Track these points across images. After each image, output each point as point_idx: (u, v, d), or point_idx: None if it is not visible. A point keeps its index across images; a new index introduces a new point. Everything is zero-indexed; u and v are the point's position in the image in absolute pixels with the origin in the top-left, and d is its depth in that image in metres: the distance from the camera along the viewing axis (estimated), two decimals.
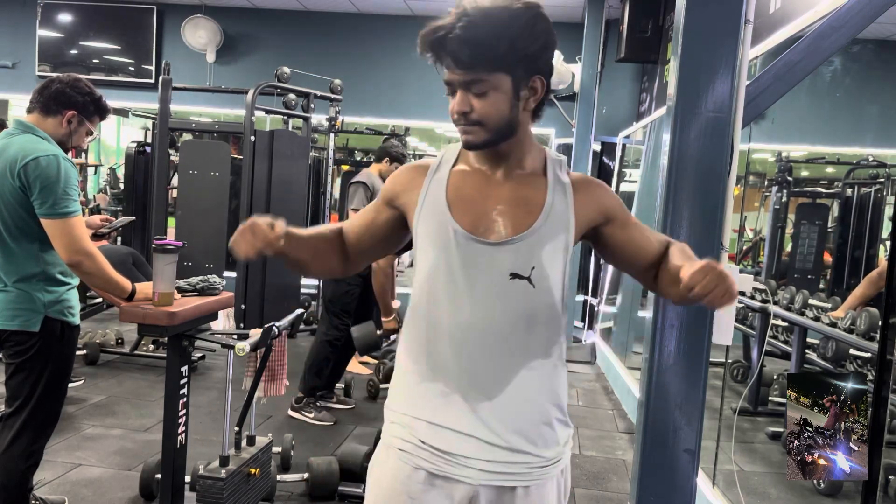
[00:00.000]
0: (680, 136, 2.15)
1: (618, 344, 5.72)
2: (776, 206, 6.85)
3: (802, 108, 6.69)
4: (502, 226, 1.29)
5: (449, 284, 1.30)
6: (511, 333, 1.30)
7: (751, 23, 2.17)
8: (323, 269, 1.48)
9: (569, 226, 1.32)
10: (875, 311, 3.37)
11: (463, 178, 1.35)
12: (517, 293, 1.29)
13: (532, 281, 1.29)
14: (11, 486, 2.35)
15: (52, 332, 2.34)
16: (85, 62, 7.93)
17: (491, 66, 1.23)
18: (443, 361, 1.31)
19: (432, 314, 1.32)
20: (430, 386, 1.32)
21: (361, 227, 1.45)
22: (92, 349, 4.85)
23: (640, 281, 1.45)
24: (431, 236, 1.32)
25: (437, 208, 1.32)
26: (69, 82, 2.43)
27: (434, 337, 1.32)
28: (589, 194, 1.36)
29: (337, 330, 4.01)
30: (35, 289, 2.31)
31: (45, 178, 2.24)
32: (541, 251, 1.29)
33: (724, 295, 1.14)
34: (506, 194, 1.32)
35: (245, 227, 1.25)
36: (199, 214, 5.21)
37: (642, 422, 2.27)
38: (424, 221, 1.34)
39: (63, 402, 2.49)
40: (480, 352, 1.29)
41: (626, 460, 3.76)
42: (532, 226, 1.29)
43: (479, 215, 1.30)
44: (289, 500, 3.01)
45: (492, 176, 1.34)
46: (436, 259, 1.31)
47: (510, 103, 1.28)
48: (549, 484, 1.35)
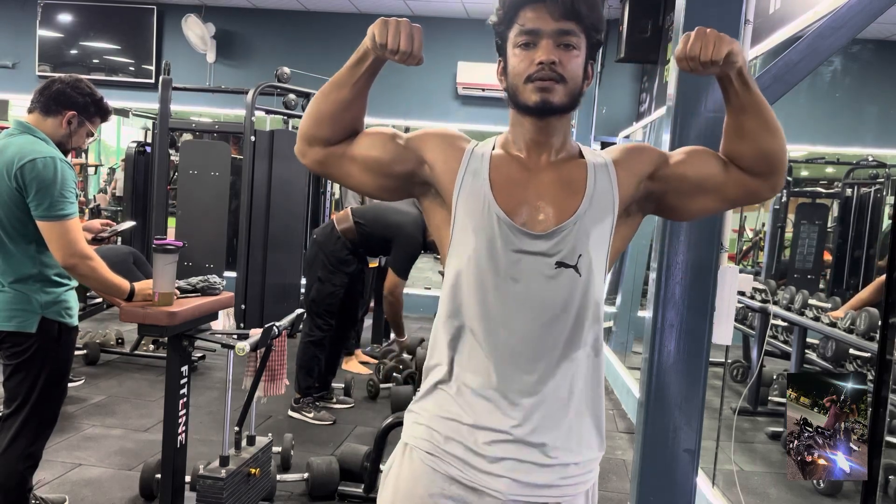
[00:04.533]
0: (680, 137, 2.15)
1: (618, 344, 5.73)
2: (776, 206, 6.85)
3: (802, 108, 6.69)
4: (547, 214, 1.22)
5: (491, 274, 1.22)
6: (557, 325, 1.22)
7: (751, 23, 2.17)
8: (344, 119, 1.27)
9: (614, 206, 1.25)
10: (875, 311, 3.37)
11: (504, 162, 1.27)
12: (564, 283, 1.21)
13: (579, 269, 1.22)
14: (11, 487, 2.35)
15: (50, 333, 2.33)
16: (85, 62, 7.93)
17: (585, 24, 1.21)
18: (480, 357, 1.23)
19: (470, 305, 1.23)
20: (464, 384, 1.24)
21: (377, 143, 1.29)
22: (92, 349, 4.85)
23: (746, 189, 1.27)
24: (474, 218, 1.23)
25: (478, 187, 1.24)
26: (70, 82, 2.42)
27: (474, 330, 1.23)
28: (629, 162, 1.29)
29: (320, 330, 4.00)
30: (32, 290, 2.31)
31: (41, 180, 2.24)
32: (587, 238, 1.22)
33: (711, 43, 1.12)
34: (549, 178, 1.25)
35: (408, 24, 1.17)
36: (199, 214, 5.22)
37: (642, 422, 2.27)
38: (465, 199, 1.24)
39: (62, 404, 2.48)
40: (524, 346, 1.21)
41: (626, 460, 3.76)
42: (577, 210, 1.22)
43: (522, 202, 1.23)
44: (289, 500, 3.01)
45: (534, 163, 1.27)
46: (477, 245, 1.22)
47: (583, 71, 1.24)
48: (578, 500, 1.27)
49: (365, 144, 1.29)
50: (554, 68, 1.19)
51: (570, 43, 1.20)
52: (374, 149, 1.28)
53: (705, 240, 2.16)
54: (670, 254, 2.16)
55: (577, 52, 1.21)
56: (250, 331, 2.66)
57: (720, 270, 2.18)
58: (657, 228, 2.24)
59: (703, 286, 2.17)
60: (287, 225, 5.31)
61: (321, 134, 1.27)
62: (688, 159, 1.29)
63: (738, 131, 1.23)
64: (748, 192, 1.28)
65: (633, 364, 5.04)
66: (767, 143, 1.23)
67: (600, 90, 6.61)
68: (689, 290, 2.17)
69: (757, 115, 1.21)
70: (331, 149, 1.28)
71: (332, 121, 1.26)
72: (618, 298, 5.97)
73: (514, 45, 1.23)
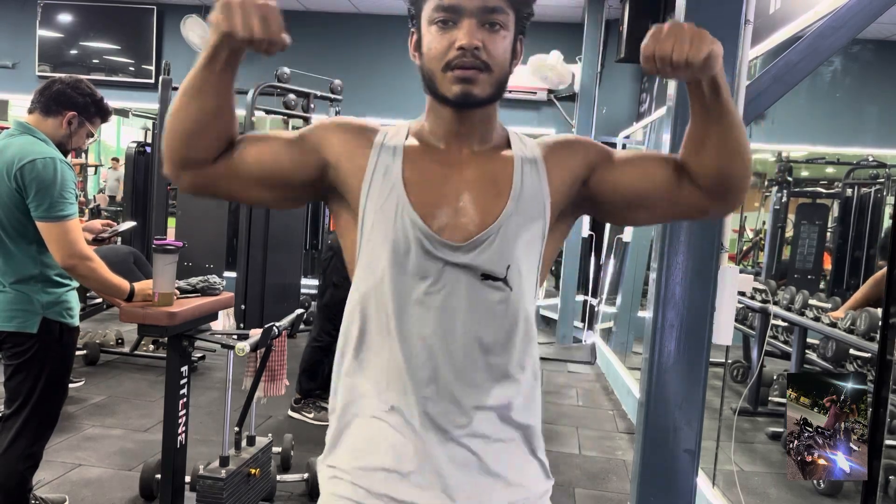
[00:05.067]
0: (680, 137, 2.14)
1: (618, 344, 5.72)
2: (776, 207, 6.85)
3: (802, 108, 6.70)
4: (469, 218, 1.06)
5: (406, 291, 1.05)
6: (485, 346, 1.06)
7: (751, 23, 2.17)
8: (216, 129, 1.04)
9: (544, 209, 1.09)
10: (875, 311, 3.37)
11: (419, 155, 1.10)
12: (491, 298, 1.06)
13: (508, 282, 1.06)
14: (11, 487, 2.35)
15: (51, 333, 2.33)
16: (85, 62, 7.93)
17: None
18: (399, 388, 1.06)
19: (384, 329, 1.06)
20: (381, 423, 1.07)
21: (267, 153, 1.08)
22: (92, 349, 4.85)
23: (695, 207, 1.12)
24: (384, 227, 1.06)
25: (389, 188, 1.06)
26: (70, 83, 2.42)
27: (389, 356, 1.06)
28: (561, 157, 1.13)
29: (329, 335, 3.98)
30: (33, 290, 2.31)
31: (41, 180, 2.24)
32: (514, 245, 1.06)
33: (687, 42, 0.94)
34: (471, 175, 1.09)
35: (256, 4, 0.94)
36: (199, 214, 5.22)
37: (642, 422, 2.27)
38: (374, 203, 1.07)
39: (62, 404, 2.48)
40: (449, 372, 1.05)
41: (626, 460, 3.75)
42: (503, 212, 1.06)
43: (440, 203, 1.06)
44: (289, 500, 3.01)
45: (454, 156, 1.10)
46: (391, 259, 1.05)
47: (510, 53, 1.07)
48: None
49: (252, 156, 1.07)
50: (477, 55, 1.02)
51: (495, 21, 1.03)
52: (265, 160, 1.08)
53: (706, 240, 2.16)
54: (670, 254, 2.16)
55: (504, 33, 1.05)
56: (250, 331, 2.66)
57: (720, 271, 2.18)
58: (657, 229, 2.24)
59: (704, 286, 2.17)
60: (287, 225, 5.31)
61: (192, 154, 1.03)
62: (635, 167, 1.14)
63: (700, 144, 1.06)
64: (696, 211, 1.13)
65: (633, 364, 5.04)
66: (730, 162, 1.06)
67: (600, 90, 6.61)
68: (690, 291, 2.17)
69: (723, 129, 1.04)
70: (209, 169, 1.05)
71: (202, 135, 1.03)
72: (618, 298, 5.98)
73: (431, 22, 1.05)
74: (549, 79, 6.51)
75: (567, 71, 6.46)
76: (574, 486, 3.37)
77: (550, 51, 6.36)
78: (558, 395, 4.95)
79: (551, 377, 5.41)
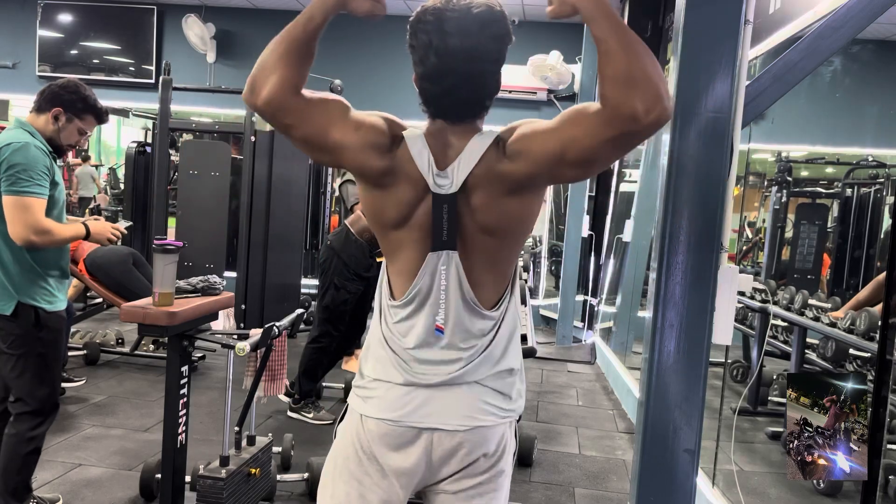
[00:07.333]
0: (679, 137, 2.15)
1: (618, 344, 5.72)
2: (776, 207, 6.85)
3: (802, 108, 6.69)
4: None
5: None
6: None
7: (751, 23, 2.17)
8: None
9: None
10: (875, 311, 3.37)
11: None
12: None
13: None
14: (12, 471, 2.38)
15: (26, 317, 2.37)
16: (85, 62, 7.93)
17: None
18: None
19: None
20: None
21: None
22: (92, 349, 4.85)
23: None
24: None
25: None
26: (62, 84, 2.51)
27: None
28: None
29: (329, 337, 3.98)
30: (7, 273, 2.35)
31: (11, 160, 2.30)
32: None
33: None
34: None
35: None
36: (199, 214, 5.22)
37: (642, 422, 2.27)
38: None
39: (59, 389, 2.52)
40: None
41: (626, 460, 3.76)
42: None
43: None
44: (289, 500, 3.01)
45: None
46: None
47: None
48: None
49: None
50: None
51: None
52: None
53: (705, 240, 2.16)
54: (670, 254, 2.16)
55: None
56: (250, 331, 2.66)
57: (720, 270, 2.18)
58: (657, 228, 2.25)
59: (703, 286, 2.17)
60: (287, 225, 5.31)
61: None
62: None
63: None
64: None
65: (632, 364, 5.04)
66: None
67: None
68: (689, 290, 2.17)
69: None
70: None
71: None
72: (618, 298, 5.98)
73: None
74: (549, 79, 6.52)
75: (567, 71, 6.46)
76: (574, 486, 3.38)
77: (550, 51, 6.36)
78: (558, 394, 4.95)
79: (551, 377, 5.41)
